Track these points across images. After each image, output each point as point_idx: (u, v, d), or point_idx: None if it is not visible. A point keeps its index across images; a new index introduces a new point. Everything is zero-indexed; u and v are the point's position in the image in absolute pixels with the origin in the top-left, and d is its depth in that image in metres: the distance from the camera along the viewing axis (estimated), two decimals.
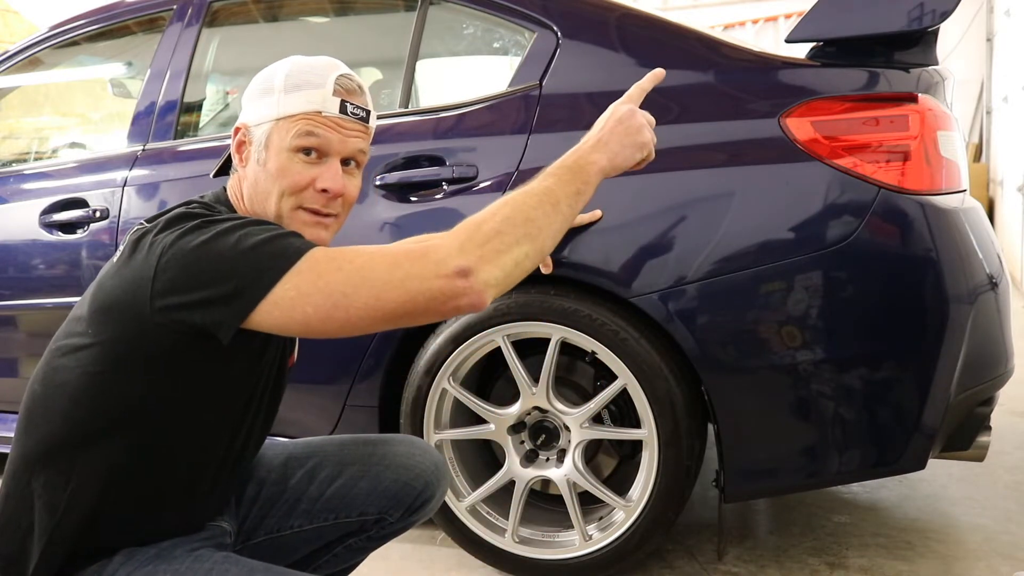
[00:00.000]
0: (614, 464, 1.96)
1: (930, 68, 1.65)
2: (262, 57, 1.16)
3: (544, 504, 1.97)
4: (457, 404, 1.86)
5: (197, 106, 2.25)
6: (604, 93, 1.74)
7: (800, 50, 1.70)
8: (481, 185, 1.77)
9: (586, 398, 1.80)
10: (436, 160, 1.82)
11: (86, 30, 2.38)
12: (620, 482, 1.88)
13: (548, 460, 1.84)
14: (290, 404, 1.90)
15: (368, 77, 2.34)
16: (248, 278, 0.95)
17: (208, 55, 2.22)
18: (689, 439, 1.68)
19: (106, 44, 2.46)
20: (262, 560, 1.11)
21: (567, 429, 1.81)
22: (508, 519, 1.82)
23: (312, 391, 1.93)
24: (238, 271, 0.95)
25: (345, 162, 1.13)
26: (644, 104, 1.19)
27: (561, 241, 1.64)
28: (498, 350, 1.78)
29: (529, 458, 1.83)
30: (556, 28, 1.80)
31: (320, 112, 1.09)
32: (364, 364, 1.85)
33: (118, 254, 1.06)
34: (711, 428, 1.77)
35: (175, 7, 2.23)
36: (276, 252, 0.96)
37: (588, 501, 1.84)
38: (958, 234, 1.57)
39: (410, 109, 1.94)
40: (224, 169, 1.22)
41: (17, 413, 1.11)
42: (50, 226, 2.15)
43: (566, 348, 1.76)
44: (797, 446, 1.64)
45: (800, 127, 1.58)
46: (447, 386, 1.81)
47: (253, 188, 1.12)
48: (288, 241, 0.98)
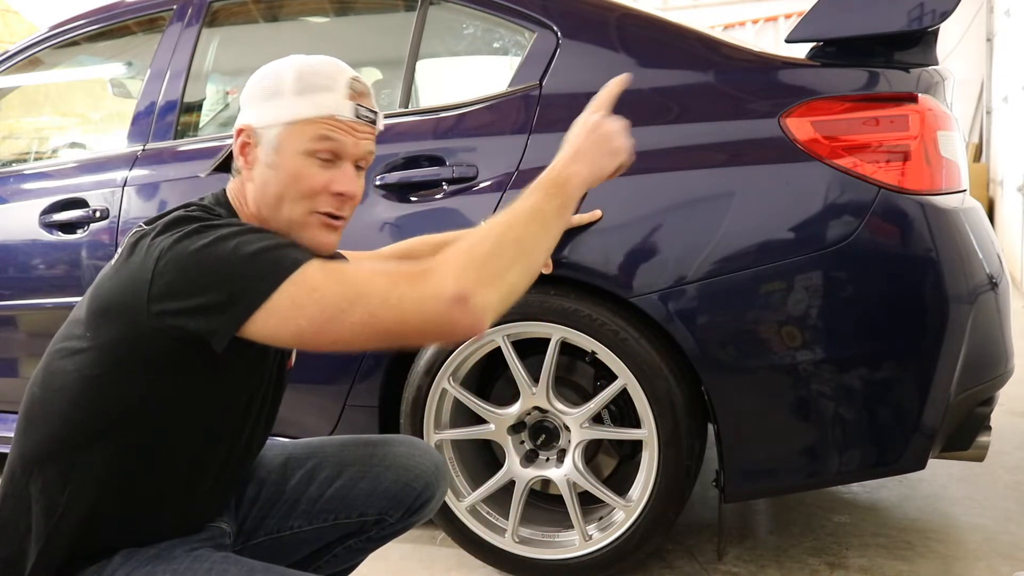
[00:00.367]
0: (614, 464, 1.96)
1: (930, 68, 1.65)
2: (262, 57, 1.16)
3: (544, 504, 1.97)
4: (457, 404, 1.86)
5: (197, 106, 2.25)
6: None
7: (800, 50, 1.70)
8: (481, 185, 1.77)
9: (586, 398, 1.80)
10: (436, 160, 1.82)
11: (86, 30, 2.38)
12: (620, 482, 1.88)
13: (548, 460, 1.84)
14: (290, 404, 1.90)
15: (368, 77, 2.34)
16: (244, 286, 0.94)
17: (208, 55, 2.22)
18: (689, 439, 1.68)
19: (106, 44, 2.46)
20: (262, 561, 1.11)
21: (567, 429, 1.81)
22: (508, 519, 1.82)
23: (312, 391, 1.93)
24: (234, 279, 0.94)
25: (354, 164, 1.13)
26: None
27: (561, 241, 1.66)
28: (498, 350, 1.78)
29: (529, 458, 1.83)
30: (556, 28, 1.80)
31: (334, 116, 1.08)
32: (364, 364, 1.85)
33: (116, 256, 1.06)
34: (711, 428, 1.77)
35: (175, 7, 2.23)
36: (273, 261, 0.95)
37: (588, 501, 1.84)
38: (958, 234, 1.57)
39: (410, 109, 1.94)
40: (220, 168, 1.21)
41: (17, 413, 1.11)
42: (50, 226, 2.15)
43: (566, 348, 1.76)
44: (797, 446, 1.64)
45: (800, 127, 1.58)
46: (447, 386, 1.81)
47: (262, 192, 1.10)
48: (285, 251, 0.97)
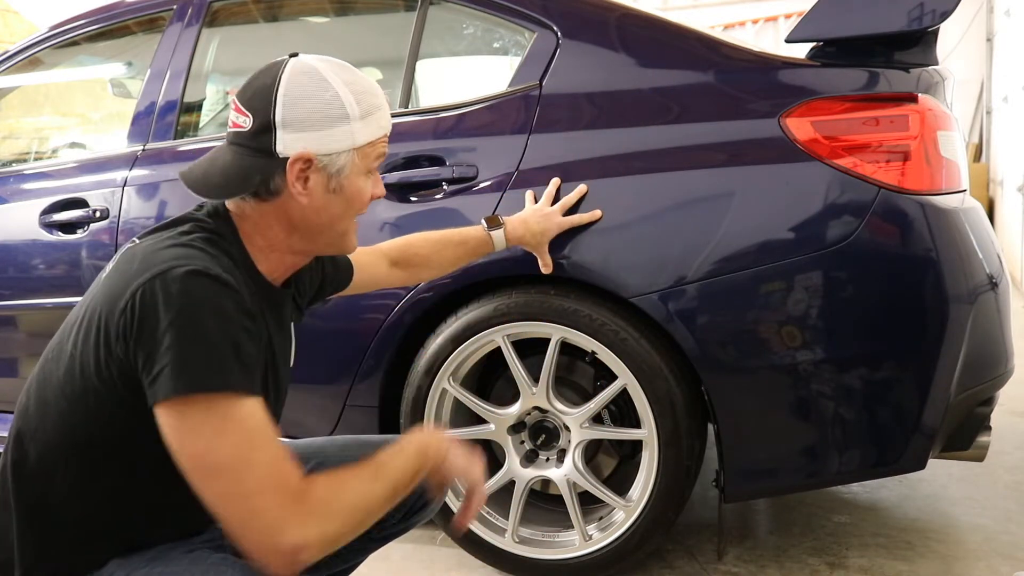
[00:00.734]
0: (614, 464, 1.96)
1: (930, 68, 1.65)
2: (262, 57, 1.15)
3: (544, 504, 1.97)
4: (457, 404, 1.86)
5: (197, 106, 2.25)
6: (604, 93, 1.74)
7: (800, 50, 1.70)
8: (481, 185, 1.77)
9: (586, 398, 1.80)
10: (436, 160, 1.82)
11: (86, 30, 2.38)
12: (620, 482, 1.88)
13: (548, 460, 1.84)
14: (290, 404, 1.90)
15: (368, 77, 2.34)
16: (172, 369, 0.91)
17: (208, 55, 2.22)
18: (689, 439, 1.68)
19: (106, 44, 2.46)
20: None
21: (567, 429, 1.81)
22: (508, 519, 1.83)
23: (312, 391, 1.93)
24: (172, 358, 0.92)
25: None
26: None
27: (561, 241, 1.66)
28: (498, 350, 1.78)
29: (529, 458, 1.83)
30: (556, 28, 1.80)
31: (387, 131, 1.13)
32: (364, 364, 1.85)
33: (107, 270, 1.06)
34: (711, 428, 1.77)
35: (175, 7, 2.23)
36: (215, 366, 0.93)
37: (588, 501, 1.84)
38: (958, 234, 1.57)
39: (410, 109, 1.94)
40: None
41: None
42: (50, 226, 2.15)
43: (566, 348, 1.76)
44: (797, 446, 1.64)
45: (800, 127, 1.58)
46: (447, 386, 1.81)
47: (315, 217, 1.10)
48: (234, 365, 0.94)
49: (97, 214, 2.09)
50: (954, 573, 1.87)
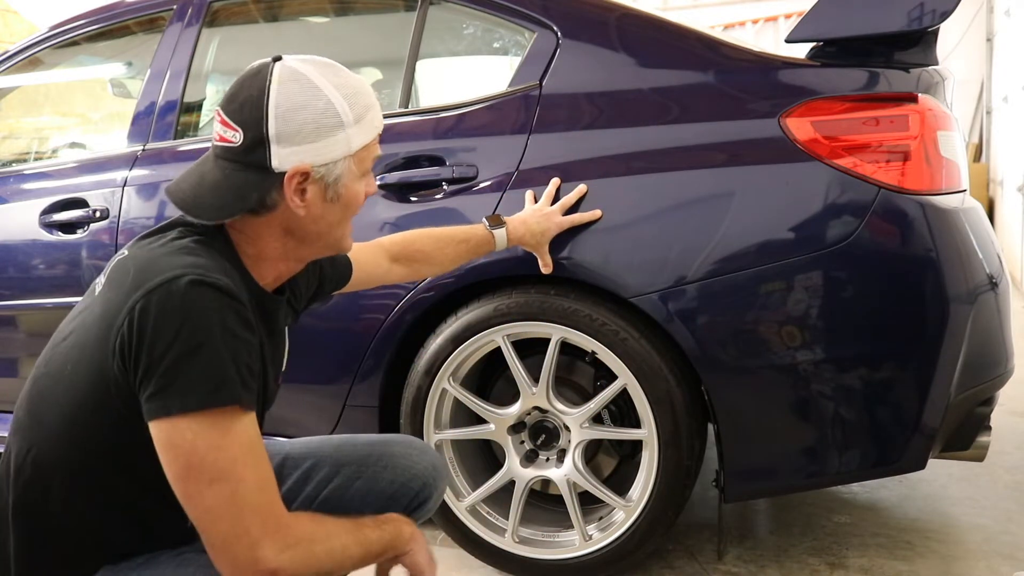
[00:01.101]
0: (614, 464, 1.96)
1: (930, 68, 1.65)
2: (262, 57, 1.15)
3: (544, 504, 1.97)
4: (457, 404, 1.86)
5: (197, 106, 2.25)
6: (604, 93, 1.74)
7: (800, 50, 1.70)
8: (481, 185, 1.77)
9: (586, 398, 1.80)
10: (436, 160, 1.82)
11: (86, 30, 2.38)
12: (620, 482, 1.88)
13: (548, 460, 1.84)
14: (290, 404, 1.91)
15: (368, 77, 2.34)
16: (172, 388, 0.92)
17: (208, 55, 2.22)
18: (689, 439, 1.68)
19: (106, 44, 2.46)
20: None
21: (567, 429, 1.81)
22: (508, 519, 1.83)
23: (312, 391, 1.93)
24: (173, 374, 0.92)
25: None
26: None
27: (561, 241, 1.66)
28: (498, 350, 1.78)
29: (529, 458, 1.83)
30: (556, 28, 1.80)
31: (379, 130, 1.10)
32: (364, 364, 1.85)
33: (100, 284, 1.04)
34: (711, 428, 1.77)
35: (175, 7, 2.23)
36: (214, 384, 0.92)
37: (588, 501, 1.84)
38: (958, 234, 1.57)
39: (410, 109, 1.94)
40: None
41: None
42: (50, 226, 2.15)
43: (566, 348, 1.76)
44: (797, 446, 1.64)
45: (800, 127, 1.58)
46: (447, 386, 1.81)
47: (313, 224, 1.08)
48: (235, 381, 0.94)
49: (97, 214, 2.09)
50: (954, 573, 1.87)
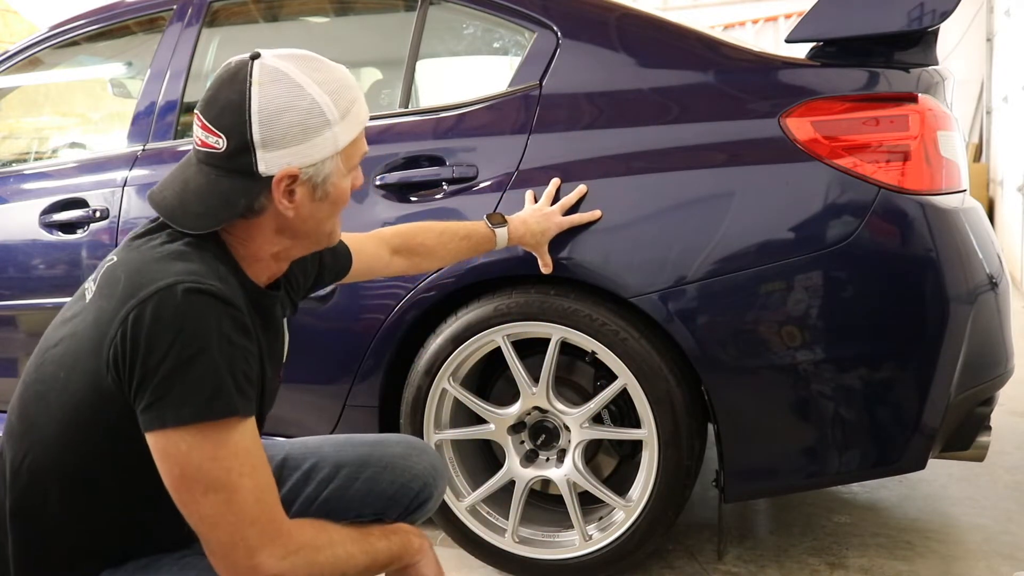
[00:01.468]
0: (614, 464, 1.96)
1: (930, 68, 1.65)
2: None
3: (544, 504, 1.97)
4: (457, 404, 1.86)
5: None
6: (604, 93, 1.74)
7: (800, 50, 1.70)
8: (481, 185, 1.77)
9: (586, 398, 1.80)
10: (436, 160, 1.82)
11: (86, 30, 2.38)
12: (620, 482, 1.88)
13: (548, 460, 1.84)
14: (290, 404, 1.91)
15: (368, 77, 2.34)
16: (167, 400, 0.91)
17: (208, 55, 2.22)
18: (689, 439, 1.68)
19: (106, 44, 2.46)
20: None
21: (567, 429, 1.81)
22: (508, 519, 1.82)
23: (312, 391, 1.93)
24: (168, 386, 0.91)
25: None
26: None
27: (561, 241, 1.66)
28: (498, 350, 1.78)
29: (529, 458, 1.83)
30: (556, 28, 1.80)
31: (364, 122, 1.08)
32: (364, 364, 1.85)
33: (91, 291, 1.03)
34: (711, 428, 1.77)
35: (175, 7, 2.23)
36: (210, 395, 0.92)
37: (588, 501, 1.84)
38: (958, 234, 1.57)
39: (410, 109, 1.94)
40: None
41: None
42: (50, 226, 2.15)
43: (566, 348, 1.76)
44: (797, 446, 1.64)
45: (800, 127, 1.58)
46: (447, 386, 1.81)
47: (302, 224, 1.06)
48: (231, 390, 0.93)
49: (97, 214, 2.09)
50: (954, 573, 1.87)
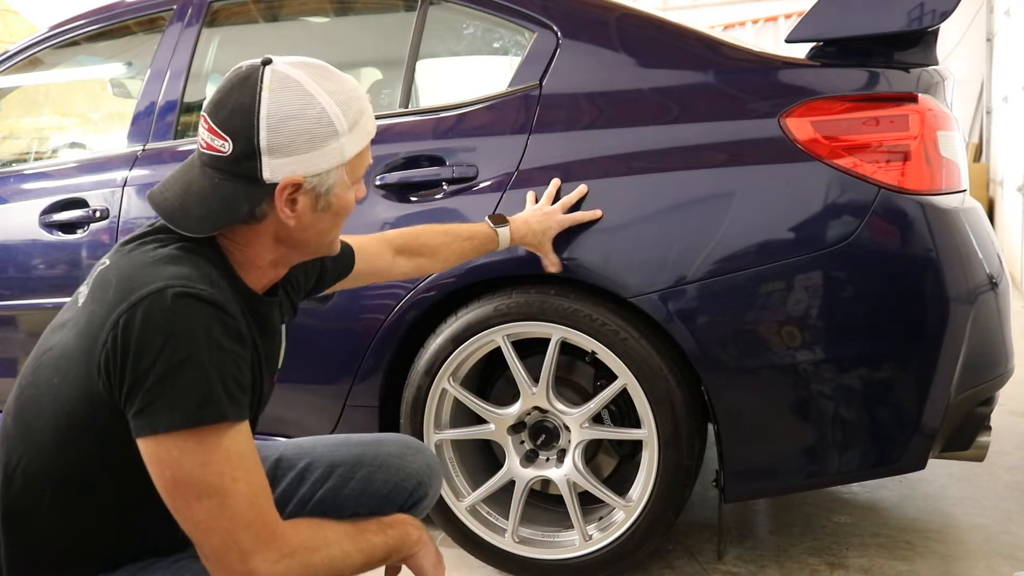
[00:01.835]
0: (614, 464, 1.96)
1: (930, 68, 1.65)
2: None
3: (544, 504, 1.97)
4: (457, 404, 1.86)
5: (197, 106, 2.25)
6: (604, 93, 1.74)
7: (800, 50, 1.70)
8: (481, 185, 1.77)
9: (586, 398, 1.80)
10: (436, 160, 1.82)
11: (86, 30, 2.38)
12: (620, 482, 1.88)
13: (548, 460, 1.84)
14: (290, 404, 1.91)
15: (368, 77, 2.34)
16: (157, 405, 0.91)
17: (208, 55, 2.22)
18: (689, 439, 1.68)
19: (106, 44, 2.46)
20: None
21: (567, 429, 1.81)
22: (508, 519, 1.82)
23: (312, 391, 1.93)
24: (158, 391, 0.91)
25: None
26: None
27: (562, 241, 1.66)
28: (498, 350, 1.78)
29: (529, 458, 1.83)
30: (556, 28, 1.80)
31: (372, 135, 1.07)
32: (364, 364, 1.85)
33: (84, 295, 1.03)
34: (711, 428, 1.77)
35: (175, 7, 2.23)
36: (201, 400, 0.91)
37: (588, 501, 1.84)
38: (958, 234, 1.57)
39: (410, 109, 1.94)
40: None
41: None
42: (50, 226, 2.15)
43: (566, 348, 1.76)
44: (797, 446, 1.64)
45: (800, 127, 1.58)
46: (447, 386, 1.81)
47: (302, 233, 1.05)
48: (222, 396, 0.92)
49: (97, 214, 2.09)
50: (954, 573, 1.87)
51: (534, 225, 1.63)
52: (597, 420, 1.80)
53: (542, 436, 1.83)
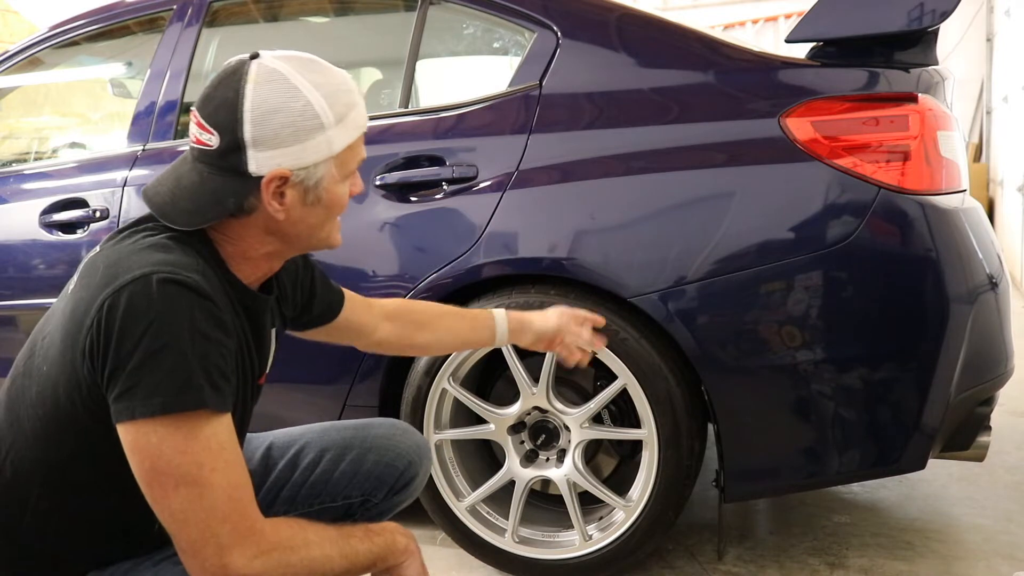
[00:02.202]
0: (614, 464, 1.96)
1: (930, 68, 1.65)
2: None
3: (544, 504, 1.97)
4: (457, 404, 1.86)
5: None
6: (604, 93, 1.74)
7: (800, 50, 1.70)
8: (481, 185, 1.77)
9: (586, 398, 1.80)
10: (436, 160, 1.82)
11: (86, 30, 2.38)
12: (620, 482, 1.88)
13: (548, 460, 1.84)
14: (290, 404, 1.91)
15: (368, 77, 2.34)
16: (138, 390, 0.89)
17: (208, 55, 2.22)
18: (689, 439, 1.68)
19: (106, 44, 2.46)
20: None
21: (567, 429, 1.81)
22: (508, 519, 1.82)
23: (312, 391, 1.93)
24: (138, 376, 0.89)
25: None
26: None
27: (562, 241, 1.66)
28: (498, 350, 1.78)
29: (529, 458, 1.83)
30: (556, 28, 1.80)
31: (363, 129, 1.06)
32: (364, 364, 1.85)
33: (72, 283, 1.02)
34: (711, 428, 1.77)
35: (175, 7, 2.23)
36: (182, 386, 0.90)
37: (588, 501, 1.84)
38: (958, 234, 1.57)
39: (410, 109, 1.94)
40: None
41: None
42: (50, 226, 2.15)
43: None
44: (797, 446, 1.64)
45: (800, 127, 1.58)
46: (447, 386, 1.81)
47: (293, 227, 1.04)
48: (203, 384, 0.91)
49: (97, 214, 2.09)
50: (954, 573, 1.87)
51: (537, 324, 1.47)
52: (597, 420, 1.80)
53: (542, 436, 1.83)
